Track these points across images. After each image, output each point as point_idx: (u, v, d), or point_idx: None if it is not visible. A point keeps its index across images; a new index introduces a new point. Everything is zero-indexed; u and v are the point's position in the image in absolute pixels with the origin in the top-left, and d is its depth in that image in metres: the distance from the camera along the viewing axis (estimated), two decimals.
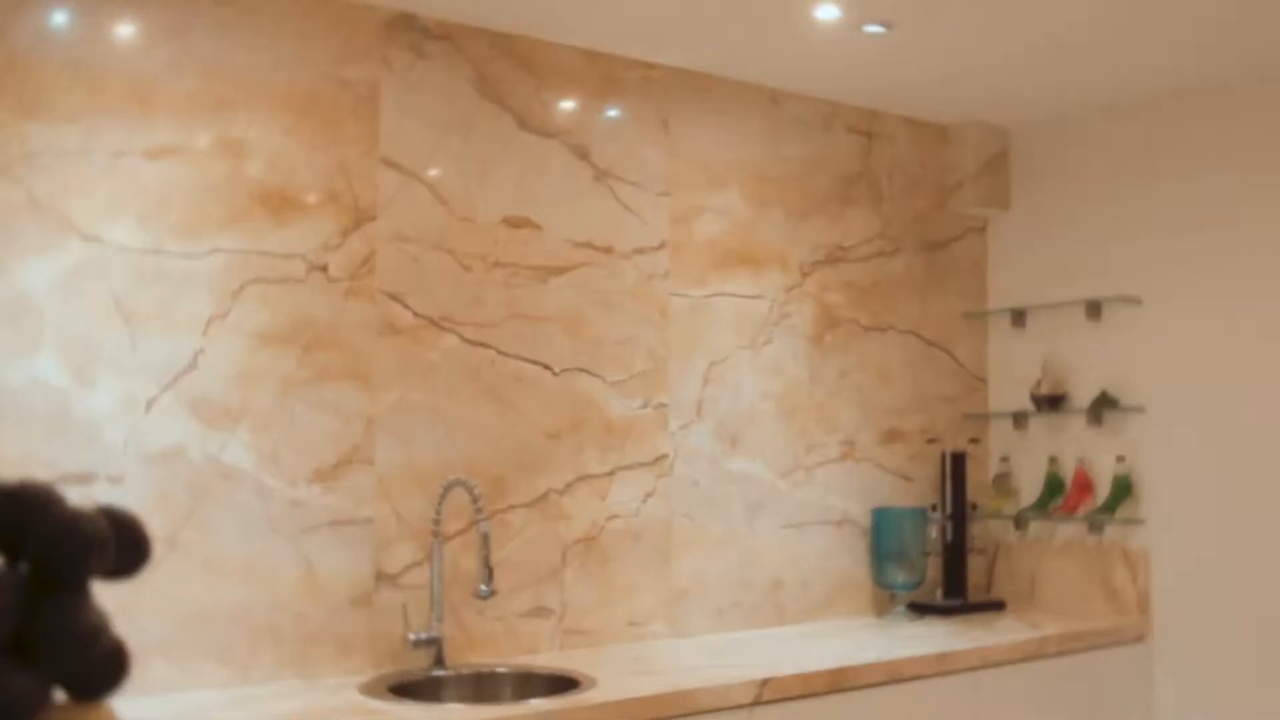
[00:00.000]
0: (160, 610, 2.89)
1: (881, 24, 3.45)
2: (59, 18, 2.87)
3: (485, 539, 3.17)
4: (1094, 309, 4.28)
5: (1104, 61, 3.81)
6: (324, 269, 3.17)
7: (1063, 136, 4.43)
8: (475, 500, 3.21)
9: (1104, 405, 4.23)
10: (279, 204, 3.11)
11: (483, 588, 3.18)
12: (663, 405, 3.78)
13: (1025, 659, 3.79)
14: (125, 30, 2.95)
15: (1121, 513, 4.18)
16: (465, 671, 3.24)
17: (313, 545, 3.12)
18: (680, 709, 2.99)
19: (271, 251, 3.09)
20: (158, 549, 2.86)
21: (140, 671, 2.86)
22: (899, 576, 4.19)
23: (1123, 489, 4.18)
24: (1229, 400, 3.98)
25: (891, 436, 4.34)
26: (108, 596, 2.63)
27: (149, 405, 2.91)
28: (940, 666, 3.54)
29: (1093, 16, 3.39)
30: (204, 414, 2.98)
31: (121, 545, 0.32)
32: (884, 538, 4.20)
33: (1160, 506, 4.14)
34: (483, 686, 3.23)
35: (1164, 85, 4.05)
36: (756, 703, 3.13)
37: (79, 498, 2.66)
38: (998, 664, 3.70)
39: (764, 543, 4.01)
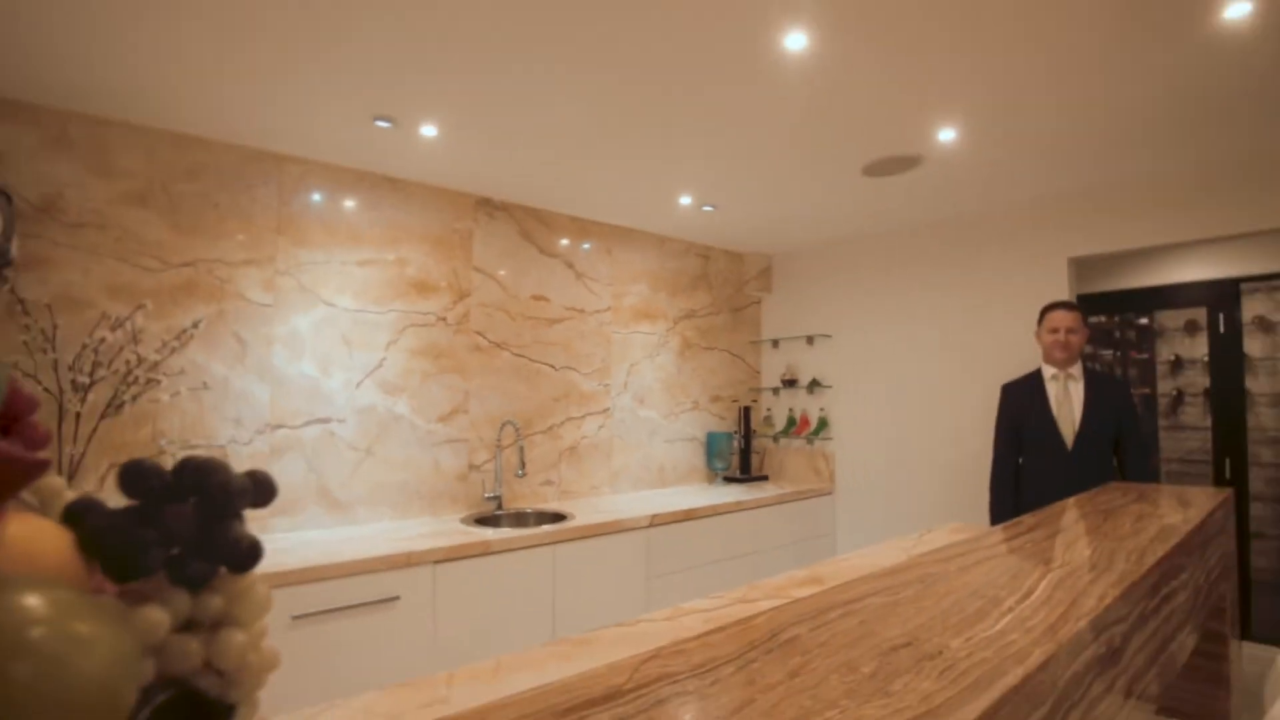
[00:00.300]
0: (362, 483, 2.91)
1: (712, 205, 3.54)
2: (315, 195, 2.88)
3: (521, 449, 3.20)
4: (810, 339, 4.40)
5: (814, 226, 3.94)
6: (445, 319, 3.19)
7: (798, 257, 4.55)
8: (517, 430, 3.25)
9: (814, 385, 4.36)
10: (422, 288, 3.13)
11: (520, 471, 3.22)
12: (608, 384, 3.83)
13: (776, 503, 3.90)
14: (348, 202, 2.96)
15: (822, 435, 4.31)
16: (512, 511, 3.27)
17: (439, 451, 3.14)
18: (615, 529, 3.05)
19: (418, 311, 3.11)
20: (361, 457, 2.89)
21: (350, 514, 2.87)
22: (719, 464, 4.29)
23: (823, 424, 4.31)
24: (869, 380, 4.13)
25: (716, 399, 4.43)
26: (337, 474, 2.60)
27: (358, 385, 2.92)
28: (737, 507, 3.64)
29: (807, 209, 3.52)
30: (385, 389, 2.99)
31: (258, 491, 0.32)
32: (712, 447, 4.29)
33: (839, 432, 4.28)
34: (521, 518, 3.25)
35: (842, 235, 4.19)
36: (651, 525, 3.20)
37: (323, 432, 2.68)
38: (763, 506, 3.81)
39: (656, 449, 4.08)
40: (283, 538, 2.63)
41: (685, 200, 3.42)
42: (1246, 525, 4.22)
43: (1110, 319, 4.92)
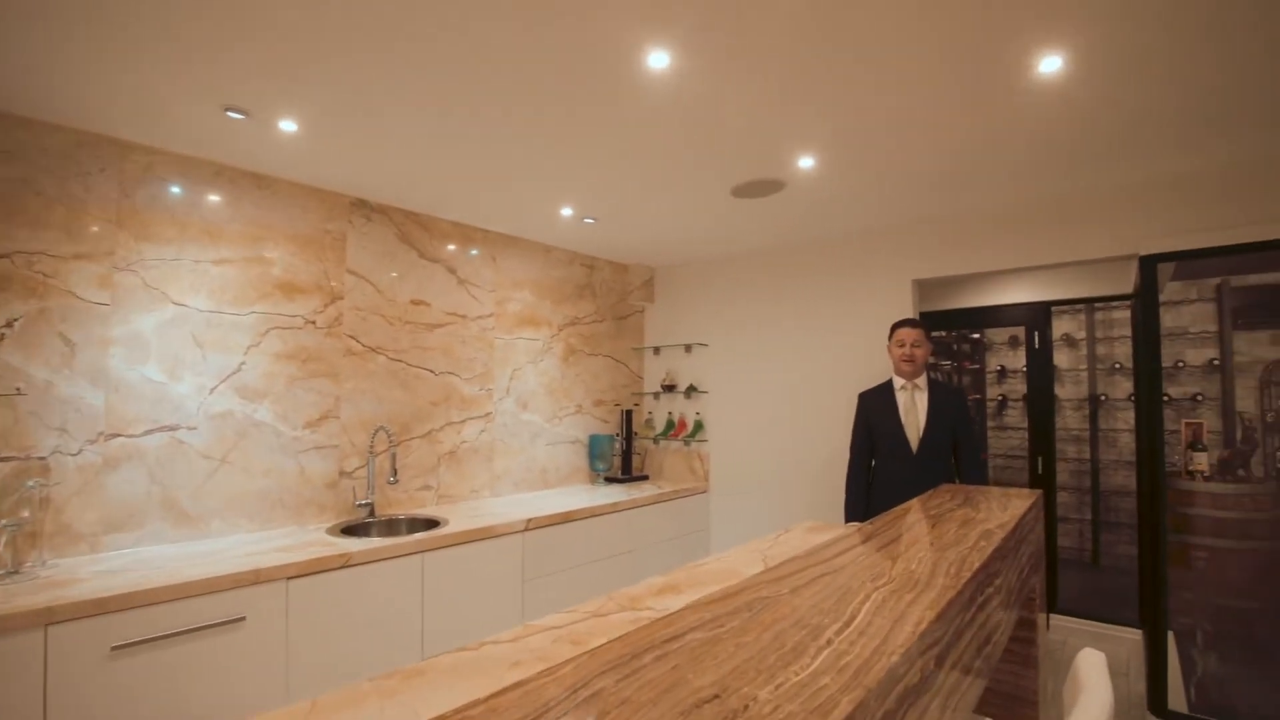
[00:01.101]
0: (216, 494, 2.56)
1: (593, 218, 3.41)
2: (165, 187, 2.51)
3: (393, 456, 2.94)
4: (688, 348, 4.37)
5: (692, 241, 3.89)
6: (314, 322, 2.88)
7: (679, 270, 4.51)
8: (390, 436, 2.98)
9: (691, 390, 4.32)
10: (289, 289, 2.81)
11: (391, 478, 2.96)
12: (490, 389, 3.61)
13: (654, 503, 3.82)
14: (205, 197, 2.61)
15: (698, 437, 4.28)
16: (384, 519, 2.99)
17: (305, 458, 2.83)
18: (490, 534, 2.86)
19: (284, 313, 2.79)
20: (215, 466, 2.56)
21: (202, 527, 2.52)
22: (601, 466, 4.17)
23: (699, 426, 4.28)
24: (740, 386, 4.14)
25: (599, 403, 4.30)
26: (186, 485, 2.28)
27: (212, 390, 2.58)
28: (614, 509, 3.52)
29: (684, 225, 3.46)
30: (244, 394, 2.66)
31: None
32: (594, 449, 4.16)
33: (714, 434, 4.26)
34: (393, 526, 2.98)
35: (718, 251, 4.18)
36: (527, 529, 3.02)
37: (169, 440, 2.32)
38: (640, 506, 3.72)
39: (539, 452, 3.90)
40: (116, 556, 2.26)
41: (567, 212, 3.28)
42: (1054, 511, 4.55)
43: (949, 334, 5.21)
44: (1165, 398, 5.26)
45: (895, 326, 2.92)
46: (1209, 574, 3.90)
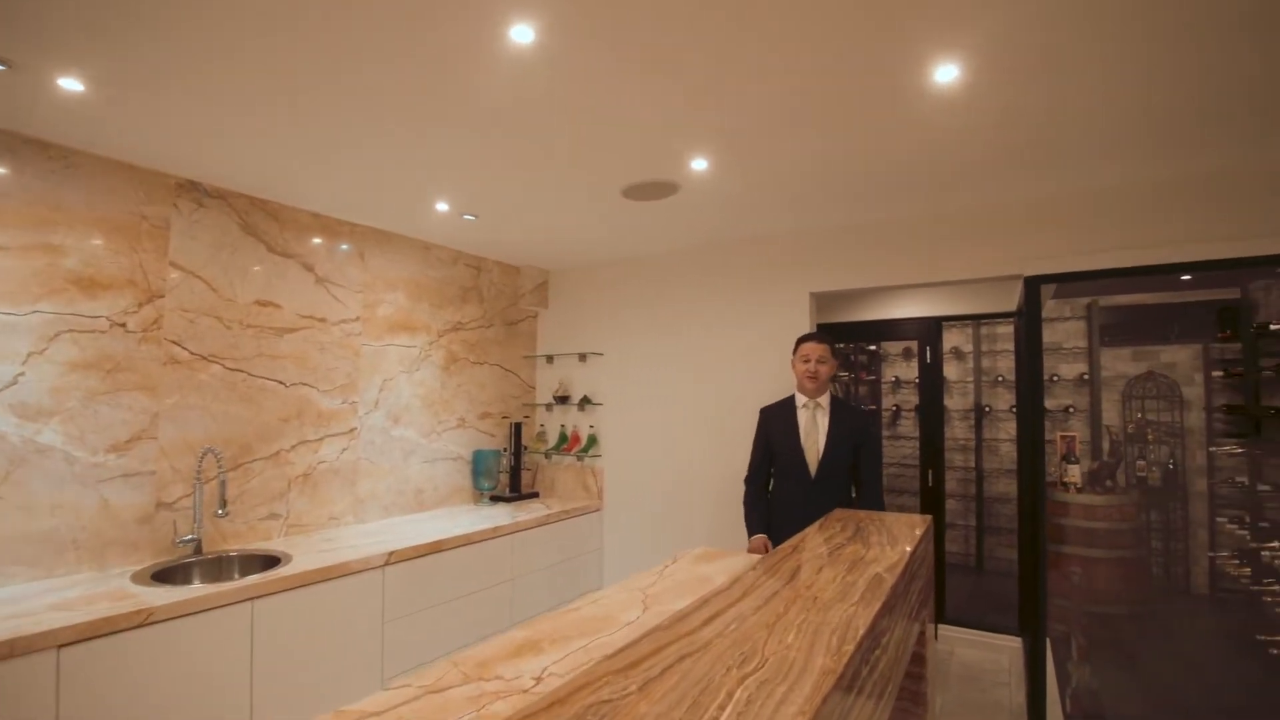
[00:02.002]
0: None
1: (472, 215, 3.10)
2: None
3: (222, 484, 2.52)
4: (583, 357, 4.13)
5: (586, 244, 3.67)
6: (124, 325, 2.42)
7: (574, 274, 4.27)
8: (219, 460, 2.55)
9: (585, 401, 4.09)
10: (89, 285, 2.34)
11: (220, 510, 2.53)
12: (354, 402, 3.22)
13: (540, 525, 3.56)
14: None
15: (592, 452, 4.06)
16: (211, 556, 2.56)
17: (109, 488, 2.37)
18: (341, 572, 2.50)
19: (81, 313, 2.31)
20: None
21: None
22: (486, 484, 3.86)
23: (592, 441, 4.06)
24: (637, 398, 3.95)
25: (485, 416, 3.99)
26: None
27: None
28: (495, 533, 3.23)
29: (575, 227, 3.23)
30: (23, 412, 2.18)
31: None
32: (479, 465, 3.85)
33: (608, 448, 4.05)
34: (221, 567, 2.56)
35: (615, 255, 3.97)
36: (389, 564, 2.68)
37: None
38: (526, 529, 3.45)
39: (413, 471, 3.53)
40: None
41: (442, 207, 2.95)
42: (943, 522, 4.64)
43: (848, 345, 5.25)
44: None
45: (800, 341, 2.80)
46: (1082, 582, 4.07)
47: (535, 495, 4.12)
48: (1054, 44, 1.65)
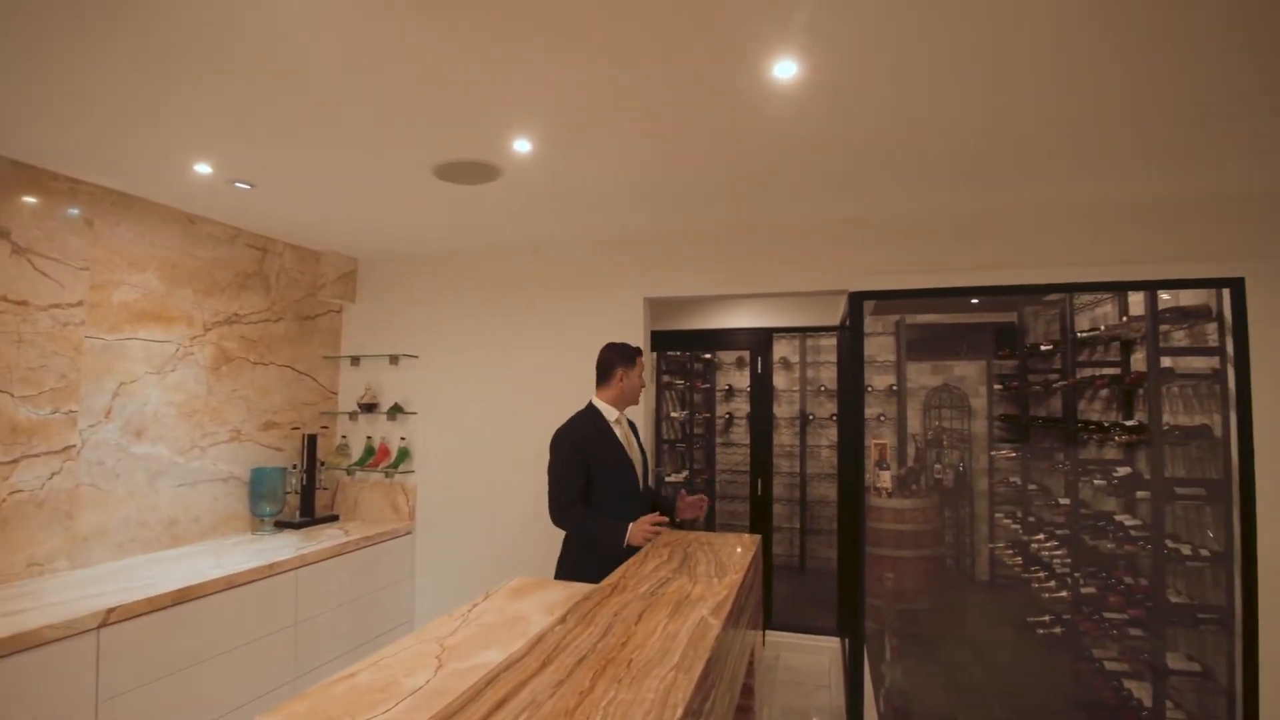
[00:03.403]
0: None
1: (247, 183, 2.54)
2: None
3: None
4: (395, 359, 3.64)
5: (400, 230, 3.21)
6: None
7: (388, 264, 3.77)
8: None
9: (396, 410, 3.60)
10: None
11: None
12: (72, 411, 2.49)
13: (337, 554, 3.04)
14: None
15: (403, 467, 3.59)
16: None
17: None
18: (27, 644, 1.86)
19: None
20: None
21: None
22: (269, 508, 3.23)
23: (404, 454, 3.59)
24: (454, 409, 3.55)
25: (269, 426, 3.35)
26: None
27: None
28: (271, 571, 2.67)
29: (382, 208, 2.78)
30: None
31: None
32: (259, 486, 3.21)
33: (422, 463, 3.60)
34: None
35: (436, 246, 3.55)
36: (105, 624, 2.06)
37: None
38: (317, 561, 2.91)
39: (164, 497, 2.84)
40: None
41: (203, 169, 2.38)
42: (770, 525, 4.71)
43: (683, 354, 5.21)
44: None
45: (639, 354, 2.59)
46: (893, 583, 4.32)
47: (334, 519, 3.55)
48: (891, 64, 1.58)
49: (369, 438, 3.67)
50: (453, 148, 2.18)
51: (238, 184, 2.52)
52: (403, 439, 3.60)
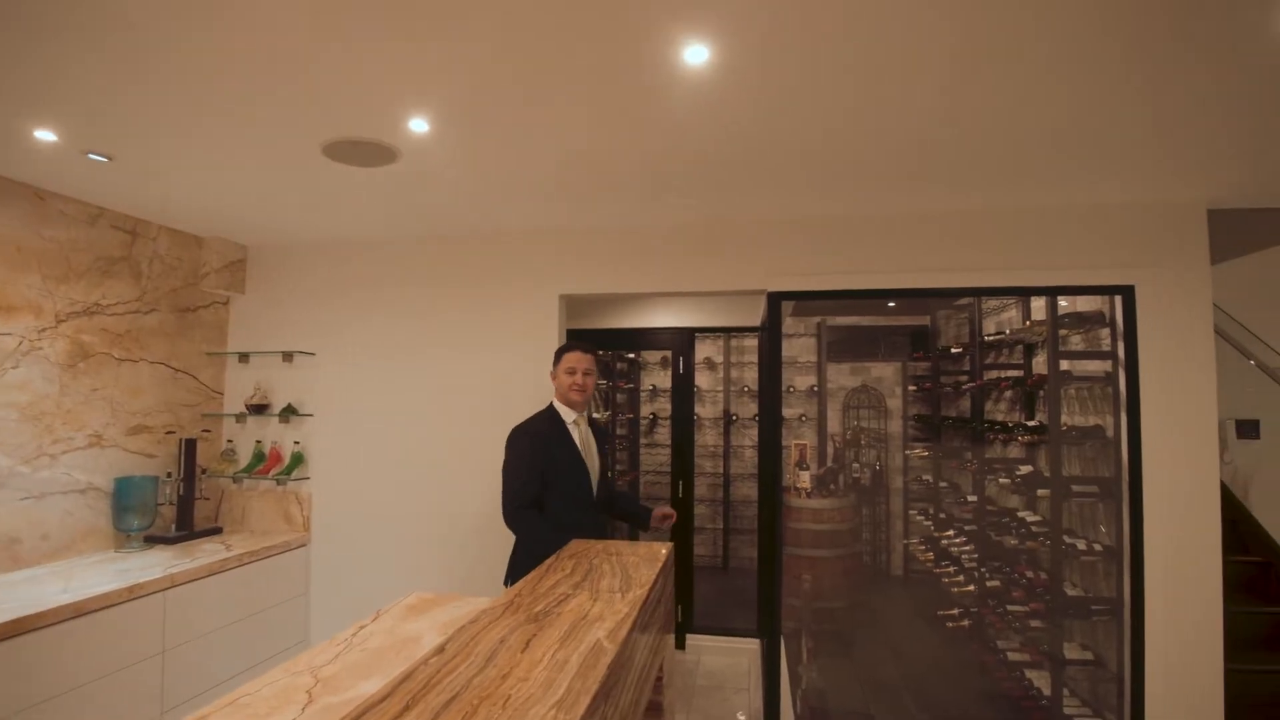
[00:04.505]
0: None
1: (104, 155, 2.24)
2: None
3: None
4: (289, 356, 3.35)
5: (294, 216, 2.95)
6: None
7: (282, 253, 3.47)
8: None
9: (289, 411, 3.32)
10: None
11: None
12: None
13: (217, 571, 2.76)
14: None
15: (297, 473, 3.30)
16: None
17: None
18: None
19: None
20: None
21: None
22: (137, 522, 2.90)
23: (298, 459, 3.31)
24: (355, 411, 3.30)
25: (138, 430, 3.01)
26: None
27: None
28: (131, 594, 2.37)
29: (271, 190, 2.53)
30: None
31: None
32: (124, 497, 2.87)
33: (319, 469, 3.33)
34: None
35: (337, 234, 3.30)
36: None
37: None
38: (191, 580, 2.63)
39: (1, 513, 2.50)
40: None
41: (45, 135, 2.07)
42: (692, 523, 4.64)
43: (607, 353, 5.10)
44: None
45: (564, 350, 2.49)
46: (811, 584, 4.36)
47: (216, 531, 3.24)
48: (803, 60, 1.52)
49: (259, 442, 3.36)
50: (342, 124, 1.99)
51: (92, 155, 2.22)
52: (297, 443, 3.32)
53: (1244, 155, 2.18)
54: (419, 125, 1.98)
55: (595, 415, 4.96)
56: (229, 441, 3.41)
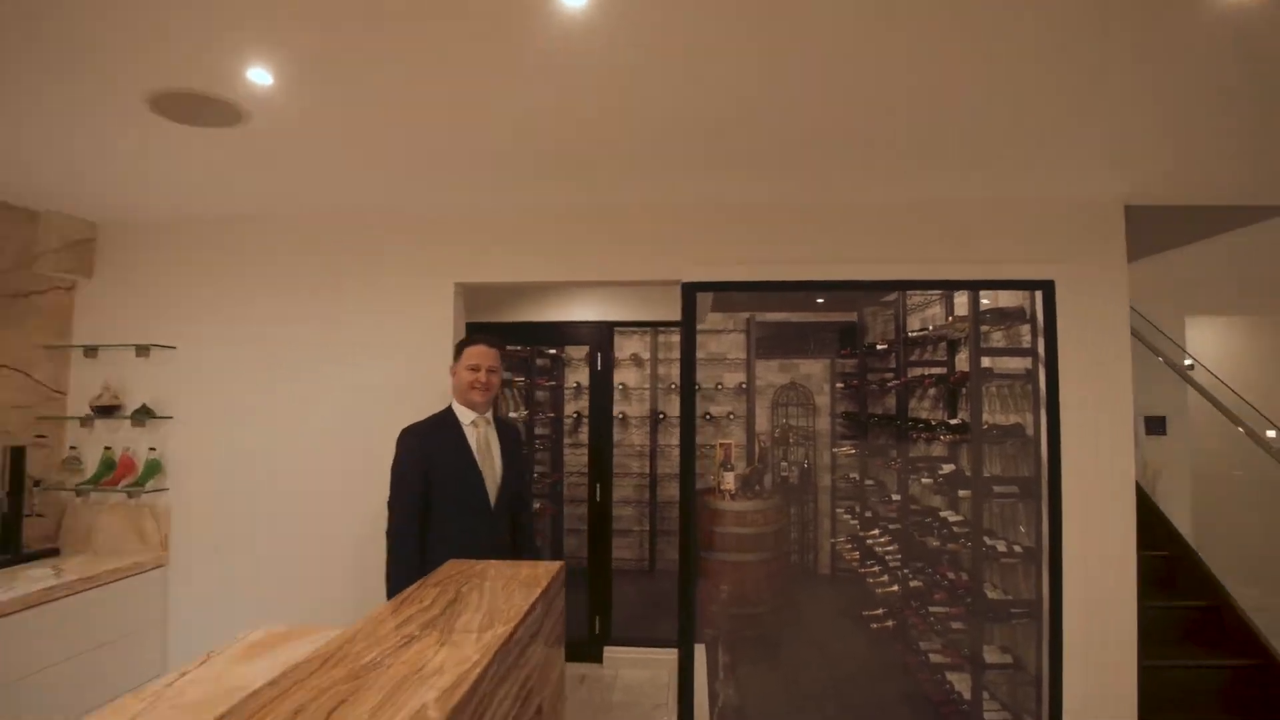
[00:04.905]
0: None
1: None
2: None
3: None
4: (144, 350, 2.91)
5: (140, 186, 2.56)
6: None
7: (138, 231, 3.04)
8: None
9: (144, 413, 2.90)
10: None
11: None
12: None
13: (47, 600, 2.35)
14: None
15: (153, 484, 2.89)
16: None
17: None
18: None
19: None
20: None
21: None
22: None
23: (154, 468, 2.90)
24: (222, 414, 2.92)
25: None
26: None
27: None
28: None
29: (93, 150, 2.15)
30: None
31: None
32: None
33: (179, 479, 2.93)
34: None
35: (199, 210, 2.92)
36: None
37: None
38: (9, 614, 2.23)
39: None
40: None
41: None
42: (610, 527, 4.39)
43: (526, 349, 4.82)
44: (707, 415, 5.83)
45: (465, 344, 2.32)
46: (733, 590, 4.21)
47: (53, 552, 2.80)
48: (691, 32, 1.31)
49: (108, 449, 2.93)
50: (166, 71, 1.66)
51: None
52: (153, 449, 2.90)
53: (1162, 152, 2.16)
54: (260, 76, 1.68)
55: (512, 415, 4.68)
56: (72, 448, 2.95)
